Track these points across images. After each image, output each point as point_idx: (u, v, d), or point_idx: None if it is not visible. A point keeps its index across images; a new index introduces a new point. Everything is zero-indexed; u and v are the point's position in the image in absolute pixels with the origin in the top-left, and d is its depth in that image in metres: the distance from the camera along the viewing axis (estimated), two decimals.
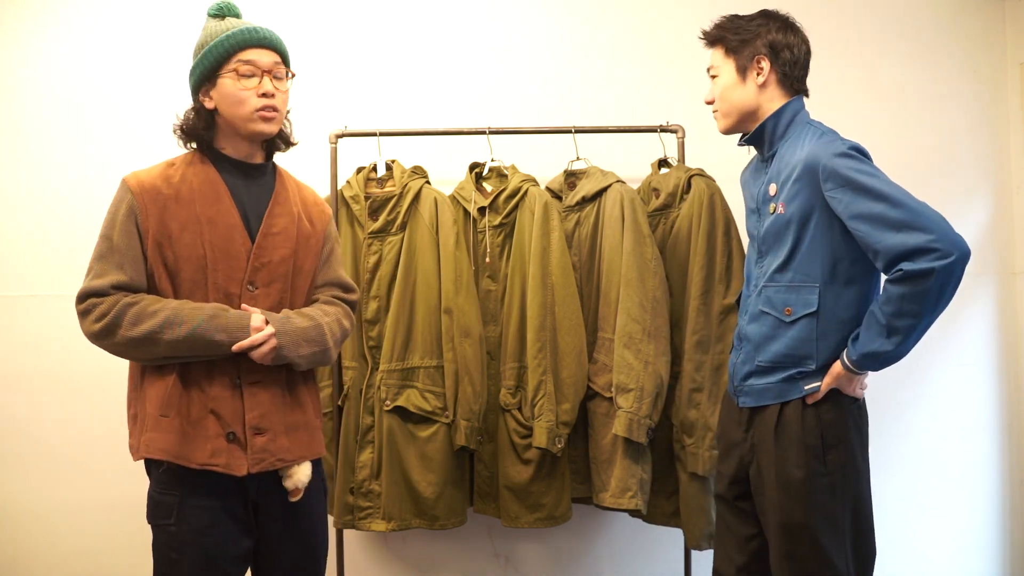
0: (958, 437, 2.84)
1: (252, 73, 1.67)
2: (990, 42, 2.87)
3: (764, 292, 1.85)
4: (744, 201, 2.02)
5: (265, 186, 1.76)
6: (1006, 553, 2.86)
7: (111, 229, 1.63)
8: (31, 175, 2.69)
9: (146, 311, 1.58)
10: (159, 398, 1.62)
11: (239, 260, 1.67)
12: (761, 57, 1.86)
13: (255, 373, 1.66)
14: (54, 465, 2.66)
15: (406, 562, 2.73)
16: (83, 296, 1.62)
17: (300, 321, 1.70)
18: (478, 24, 2.77)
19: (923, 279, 1.60)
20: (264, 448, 1.64)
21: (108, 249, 1.62)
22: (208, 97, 1.69)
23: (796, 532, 1.75)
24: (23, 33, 2.70)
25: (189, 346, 1.59)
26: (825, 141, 1.78)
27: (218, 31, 1.68)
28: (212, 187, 1.68)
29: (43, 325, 2.67)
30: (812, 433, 1.77)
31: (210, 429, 1.62)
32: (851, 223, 1.69)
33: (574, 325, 2.30)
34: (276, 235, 1.72)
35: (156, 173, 1.69)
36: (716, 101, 1.93)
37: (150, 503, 1.65)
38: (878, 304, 1.69)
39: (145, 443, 1.61)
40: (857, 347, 1.72)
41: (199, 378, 1.63)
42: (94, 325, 1.60)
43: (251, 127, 1.68)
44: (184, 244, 1.64)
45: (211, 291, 1.65)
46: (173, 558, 1.61)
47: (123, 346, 1.60)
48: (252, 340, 1.62)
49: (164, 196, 1.65)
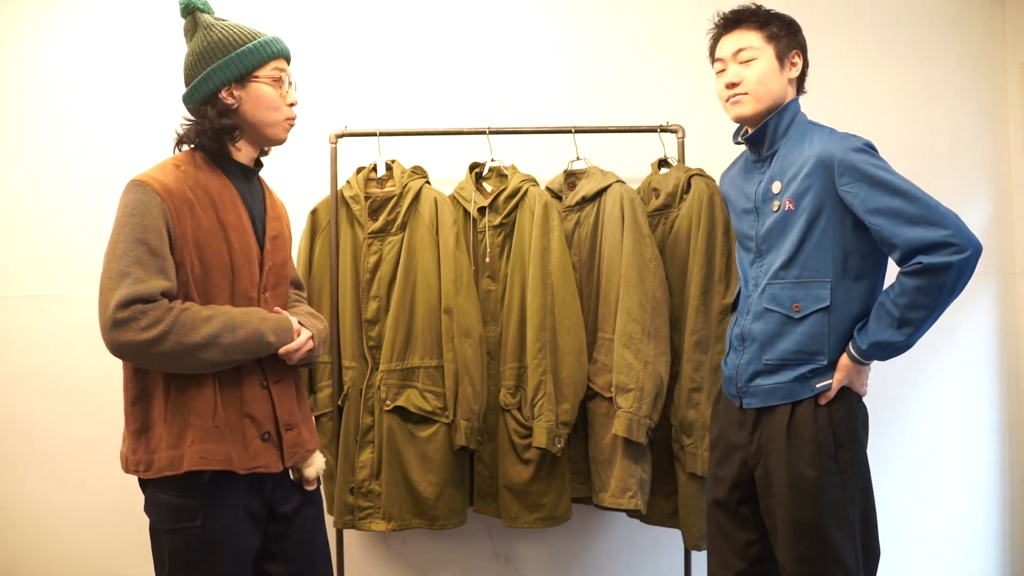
0: (958, 437, 2.84)
1: (283, 81, 1.71)
2: (990, 42, 2.87)
3: (768, 290, 1.84)
4: (732, 203, 2.01)
5: (257, 190, 1.79)
6: (1006, 553, 2.86)
7: (144, 232, 1.54)
8: (31, 175, 2.69)
9: (200, 317, 1.56)
10: (208, 408, 1.59)
11: (255, 265, 1.71)
12: (797, 52, 1.90)
13: (276, 373, 1.71)
14: (54, 466, 2.67)
15: (406, 562, 2.73)
16: (127, 302, 1.50)
17: (317, 323, 1.81)
18: (478, 24, 2.77)
19: (941, 273, 1.65)
20: (295, 442, 1.72)
21: (146, 253, 1.53)
22: (232, 96, 1.66)
23: (808, 532, 1.75)
24: (21, 33, 2.70)
25: (244, 349, 1.61)
26: (839, 137, 1.81)
27: (246, 34, 1.67)
28: (227, 192, 1.68)
29: (43, 325, 2.67)
30: (825, 432, 1.77)
31: (248, 432, 1.64)
32: (868, 217, 1.71)
33: (574, 325, 2.30)
34: (276, 239, 1.78)
35: (172, 175, 1.62)
36: (751, 83, 1.87)
37: (167, 508, 1.60)
38: (891, 296, 1.72)
39: (197, 454, 1.56)
40: (867, 336, 1.74)
41: (230, 384, 1.64)
42: (143, 333, 1.50)
43: (275, 133, 1.72)
44: (211, 251, 1.62)
45: (236, 297, 1.67)
46: (198, 559, 1.60)
47: (168, 355, 1.53)
48: (298, 343, 1.70)
49: (189, 200, 1.61)
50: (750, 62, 1.87)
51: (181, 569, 1.61)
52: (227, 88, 1.66)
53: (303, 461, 1.76)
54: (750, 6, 1.91)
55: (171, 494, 1.60)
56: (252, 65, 1.66)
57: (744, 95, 1.88)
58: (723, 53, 1.92)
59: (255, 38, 1.68)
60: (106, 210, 2.66)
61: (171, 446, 1.58)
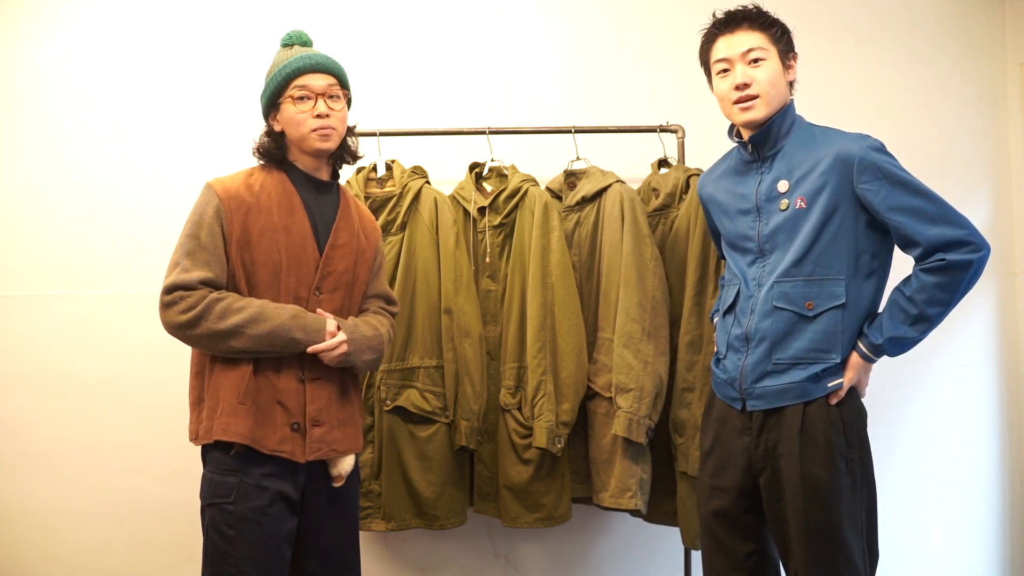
0: (958, 437, 2.84)
1: (307, 96, 1.82)
2: (990, 42, 2.87)
3: (777, 288, 1.82)
4: (720, 205, 1.98)
5: (331, 201, 1.91)
6: (1006, 553, 2.86)
7: (199, 228, 1.75)
8: (31, 175, 2.69)
9: (232, 307, 1.71)
10: (236, 387, 1.74)
11: (309, 267, 1.83)
12: (795, 55, 1.90)
13: (317, 370, 1.81)
14: (54, 466, 2.66)
15: (406, 562, 2.73)
16: (171, 288, 1.72)
17: (366, 330, 1.88)
18: (478, 24, 2.77)
19: (962, 270, 1.70)
20: (321, 439, 1.80)
21: (196, 247, 1.74)
22: (276, 121, 1.85)
23: (823, 535, 1.74)
24: (23, 32, 2.70)
25: (269, 342, 1.73)
26: (855, 136, 1.82)
27: (279, 61, 1.85)
28: (288, 198, 1.83)
29: (43, 325, 2.67)
30: (837, 432, 1.76)
31: (278, 419, 1.76)
32: (889, 214, 1.74)
33: (574, 325, 2.30)
34: (341, 247, 1.88)
35: (239, 181, 1.82)
36: (762, 85, 1.82)
37: (207, 483, 1.76)
38: (907, 292, 1.74)
39: (221, 426, 1.72)
40: (881, 333, 1.75)
41: (268, 372, 1.77)
42: (180, 316, 1.70)
43: (310, 145, 1.83)
44: (262, 249, 1.78)
45: (283, 294, 1.80)
46: (230, 535, 1.71)
47: (204, 337, 1.71)
48: (328, 344, 1.78)
49: (247, 203, 1.79)
50: (760, 63, 1.83)
51: (216, 543, 1.73)
52: (272, 114, 1.86)
53: (330, 459, 1.83)
54: (751, 7, 1.89)
55: (212, 471, 1.76)
56: (276, 90, 1.83)
57: (755, 98, 1.83)
58: (729, 53, 1.85)
59: (284, 61, 1.84)
60: (106, 210, 2.68)
61: (208, 417, 1.75)
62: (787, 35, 1.89)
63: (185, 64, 2.73)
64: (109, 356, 2.67)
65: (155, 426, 2.64)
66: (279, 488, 1.75)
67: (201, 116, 2.71)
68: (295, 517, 1.79)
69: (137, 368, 2.65)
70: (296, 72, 1.82)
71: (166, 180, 2.69)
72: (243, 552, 1.70)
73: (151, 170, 2.70)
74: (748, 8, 1.89)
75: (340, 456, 1.85)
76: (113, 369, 2.66)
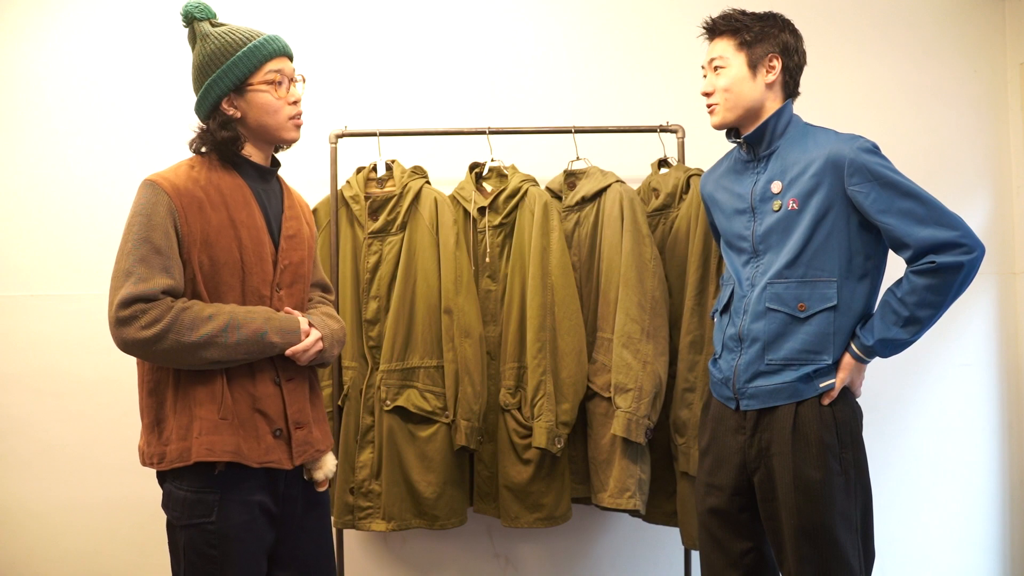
0: (958, 437, 2.84)
1: (281, 81, 1.69)
2: (990, 42, 2.87)
3: (770, 289, 1.83)
4: (718, 204, 2.00)
5: (275, 190, 1.80)
6: (1006, 553, 2.86)
7: (149, 231, 1.57)
8: (31, 174, 2.69)
9: (201, 316, 1.57)
10: (213, 401, 1.61)
11: (267, 263, 1.71)
12: (775, 56, 1.88)
13: (289, 371, 1.72)
14: (54, 465, 2.67)
15: (406, 562, 2.73)
16: (128, 301, 1.53)
17: (332, 324, 1.80)
18: (478, 24, 2.77)
19: (952, 272, 1.69)
20: (304, 440, 1.71)
21: (151, 252, 1.56)
22: (233, 107, 1.68)
23: (815, 534, 1.74)
24: (22, 31, 2.70)
25: (246, 349, 1.61)
26: (847, 137, 1.82)
27: (236, 41, 1.66)
28: (240, 191, 1.69)
29: (43, 325, 2.67)
30: (829, 432, 1.77)
31: (260, 428, 1.65)
32: (880, 216, 1.73)
33: (574, 325, 2.30)
34: (293, 238, 1.77)
35: (183, 175, 1.65)
36: (719, 93, 1.89)
37: (183, 504, 1.61)
38: (898, 294, 1.74)
39: (204, 446, 1.58)
40: (873, 334, 1.76)
41: (243, 380, 1.65)
42: (143, 332, 1.53)
43: (283, 135, 1.72)
44: (221, 248, 1.64)
45: (247, 294, 1.68)
46: (213, 555, 1.60)
47: (170, 352, 1.55)
48: (306, 344, 1.69)
49: (199, 199, 1.63)
50: (719, 71, 1.89)
51: (196, 565, 1.62)
52: (227, 99, 1.68)
53: (313, 460, 1.75)
54: (729, 13, 1.91)
55: (187, 489, 1.61)
56: (245, 73, 1.66)
57: (716, 104, 1.91)
58: (705, 61, 1.94)
59: (248, 42, 1.66)
60: (106, 210, 2.68)
61: (180, 438, 1.60)
62: (763, 37, 1.87)
63: (185, 64, 2.72)
64: (109, 356, 2.66)
65: None
66: (260, 500, 1.65)
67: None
68: (274, 530, 1.70)
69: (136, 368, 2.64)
70: (270, 55, 1.67)
71: None
72: (229, 572, 1.60)
73: (151, 170, 2.69)
74: (723, 16, 1.91)
75: (322, 455, 1.77)
76: (113, 369, 2.66)
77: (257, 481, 1.65)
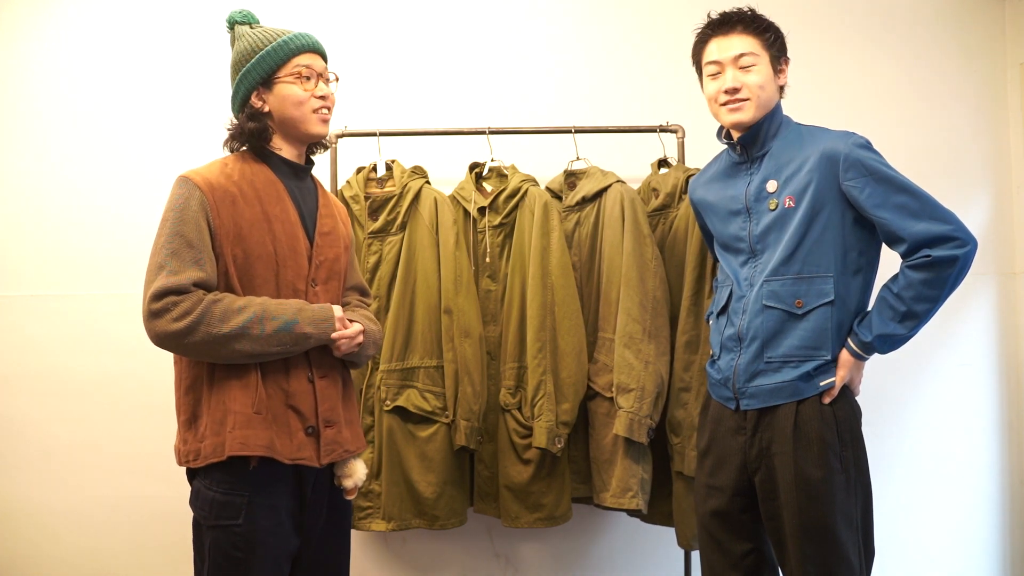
0: (958, 437, 2.84)
1: (310, 76, 1.72)
2: (990, 42, 2.87)
3: (767, 286, 1.83)
4: (711, 207, 1.99)
5: (309, 187, 1.82)
6: (1006, 553, 2.86)
7: (182, 225, 1.59)
8: (31, 174, 2.69)
9: (232, 308, 1.58)
10: (248, 396, 1.61)
11: (302, 257, 1.72)
12: (786, 60, 1.91)
13: (322, 368, 1.72)
14: (54, 465, 2.67)
15: (406, 562, 2.73)
16: (160, 294, 1.54)
17: (372, 325, 1.81)
18: (478, 24, 2.77)
19: (947, 265, 1.69)
20: (333, 440, 1.71)
21: (182, 245, 1.58)
22: (262, 101, 1.72)
23: (817, 533, 1.74)
24: (22, 32, 2.70)
25: (279, 340, 1.61)
26: (840, 134, 1.83)
27: (267, 38, 1.71)
28: (273, 186, 1.71)
29: (43, 325, 2.67)
30: (830, 430, 1.77)
31: (292, 424, 1.65)
32: (874, 211, 1.74)
33: (574, 325, 2.30)
34: (328, 235, 1.79)
35: (216, 171, 1.68)
36: (753, 89, 1.85)
37: (211, 504, 1.61)
38: (894, 290, 1.75)
39: (237, 440, 1.58)
40: (870, 330, 1.76)
41: (278, 375, 1.65)
42: (174, 324, 1.54)
43: (309, 128, 1.73)
44: (254, 242, 1.65)
45: (282, 288, 1.68)
46: (239, 557, 1.60)
47: (202, 344, 1.56)
48: (351, 331, 1.70)
49: (231, 194, 1.65)
50: (751, 68, 1.85)
51: (221, 566, 1.61)
52: (256, 93, 1.72)
53: (342, 462, 1.76)
54: (745, 9, 1.90)
55: (216, 490, 1.61)
56: (272, 66, 1.70)
57: (745, 101, 1.85)
58: (720, 56, 1.87)
59: (277, 39, 1.71)
60: (107, 210, 2.68)
61: (215, 432, 1.60)
62: (780, 40, 1.90)
63: (185, 64, 2.73)
64: (109, 356, 2.67)
65: (154, 426, 2.63)
66: (287, 505, 1.65)
67: (202, 116, 2.70)
68: (298, 534, 1.69)
69: (136, 368, 2.65)
70: (299, 49, 1.71)
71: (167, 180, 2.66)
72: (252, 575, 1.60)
73: (151, 170, 2.70)
74: (743, 11, 1.89)
75: (351, 457, 1.76)
76: (112, 369, 2.66)
77: (286, 485, 1.65)
